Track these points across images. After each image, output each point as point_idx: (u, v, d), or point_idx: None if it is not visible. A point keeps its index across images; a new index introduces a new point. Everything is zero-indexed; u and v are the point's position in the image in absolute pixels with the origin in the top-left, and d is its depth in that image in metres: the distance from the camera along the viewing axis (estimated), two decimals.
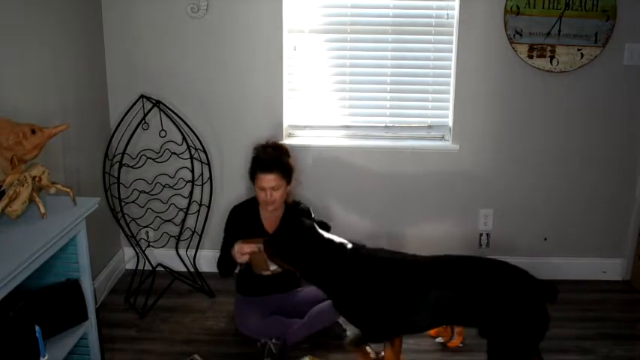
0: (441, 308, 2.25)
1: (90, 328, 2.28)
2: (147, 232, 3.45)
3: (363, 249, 2.42)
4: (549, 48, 3.18)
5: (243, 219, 2.90)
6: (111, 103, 3.38)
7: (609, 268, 3.55)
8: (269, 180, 2.73)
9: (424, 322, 2.33)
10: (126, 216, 3.20)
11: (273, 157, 2.80)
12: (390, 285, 2.29)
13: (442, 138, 3.46)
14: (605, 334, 2.99)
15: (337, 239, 2.43)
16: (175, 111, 3.28)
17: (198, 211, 3.40)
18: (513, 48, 3.20)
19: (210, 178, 3.35)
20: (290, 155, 2.88)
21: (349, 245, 2.41)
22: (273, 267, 2.55)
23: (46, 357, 1.93)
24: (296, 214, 2.86)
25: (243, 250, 2.63)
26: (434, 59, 3.35)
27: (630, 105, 3.30)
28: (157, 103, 3.17)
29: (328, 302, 2.67)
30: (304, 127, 3.47)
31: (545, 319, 2.19)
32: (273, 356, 2.70)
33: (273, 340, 2.72)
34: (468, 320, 2.31)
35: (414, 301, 2.26)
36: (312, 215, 2.94)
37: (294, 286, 2.98)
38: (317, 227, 2.47)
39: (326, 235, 2.44)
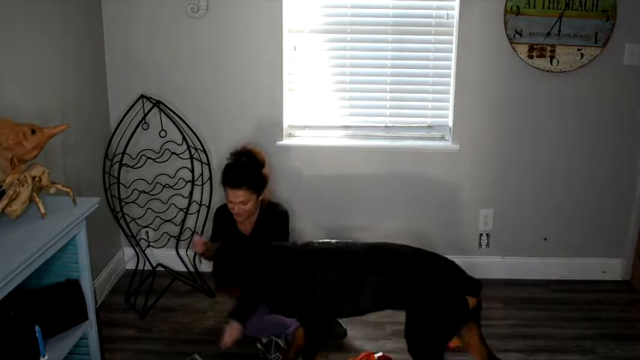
0: (377, 293, 2.39)
1: (90, 328, 2.28)
2: (147, 232, 3.45)
3: (305, 246, 2.52)
4: (549, 48, 3.18)
5: (223, 221, 2.92)
6: (111, 103, 3.37)
7: (609, 268, 3.55)
8: (237, 195, 2.72)
9: (365, 306, 2.46)
10: (126, 216, 3.20)
11: (242, 173, 2.73)
12: (331, 273, 2.40)
13: (442, 138, 3.45)
14: (605, 334, 2.99)
15: (273, 243, 2.56)
16: (175, 111, 3.28)
17: (198, 211, 3.41)
18: (513, 48, 3.20)
19: (210, 178, 3.35)
20: (265, 164, 2.82)
21: (288, 245, 2.56)
22: None
23: (46, 357, 1.92)
24: (270, 218, 2.86)
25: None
26: (434, 59, 3.35)
27: (630, 105, 3.30)
28: (157, 103, 3.18)
29: None
30: (304, 127, 3.47)
31: (462, 309, 2.29)
32: (282, 351, 2.70)
33: (278, 339, 2.72)
34: (399, 304, 2.43)
35: (353, 287, 2.39)
36: (288, 218, 2.91)
37: None
38: (246, 241, 2.65)
39: (259, 244, 2.57)
